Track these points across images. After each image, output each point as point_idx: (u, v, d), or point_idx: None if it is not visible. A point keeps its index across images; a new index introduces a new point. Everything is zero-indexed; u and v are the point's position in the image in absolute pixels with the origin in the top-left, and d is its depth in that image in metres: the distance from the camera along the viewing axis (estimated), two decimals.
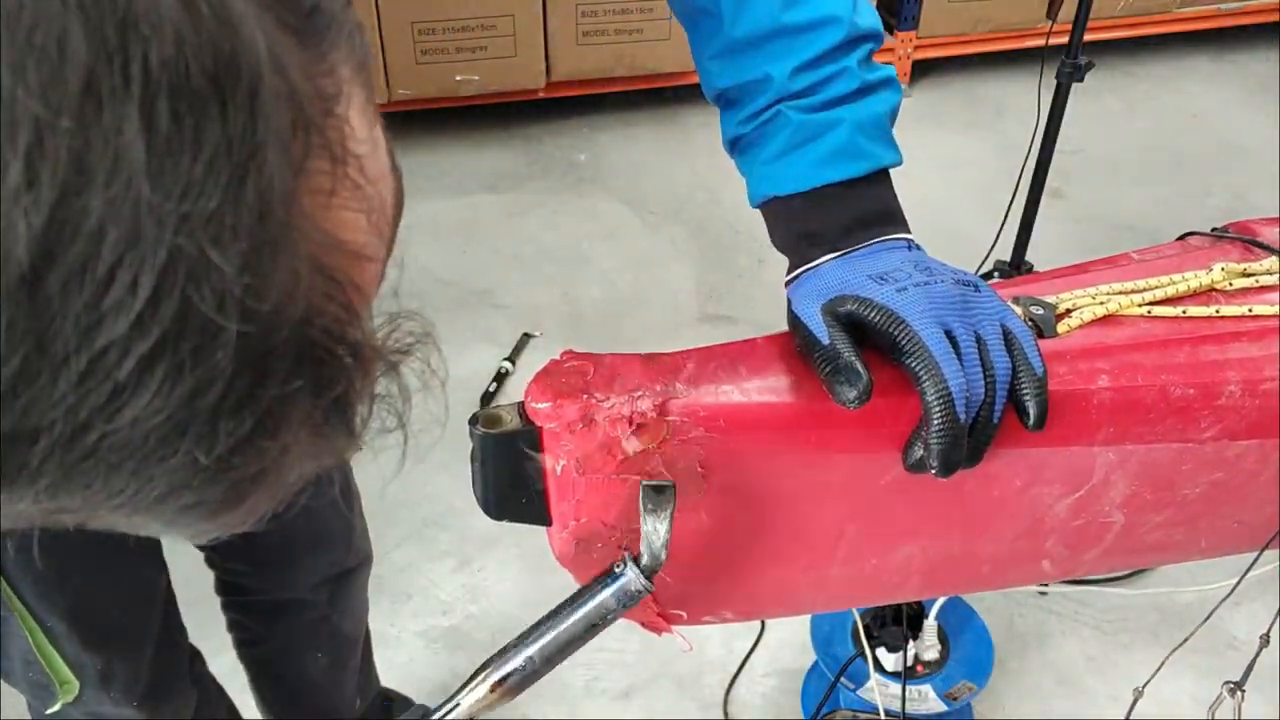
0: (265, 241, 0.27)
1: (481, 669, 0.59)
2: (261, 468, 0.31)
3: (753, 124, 0.75)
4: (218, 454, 0.29)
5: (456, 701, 0.59)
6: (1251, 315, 0.76)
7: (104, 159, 0.24)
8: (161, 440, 0.28)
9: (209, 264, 0.26)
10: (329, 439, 0.33)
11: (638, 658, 1.77)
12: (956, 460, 0.64)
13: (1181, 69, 3.47)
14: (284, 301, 0.28)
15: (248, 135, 0.26)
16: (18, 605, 0.96)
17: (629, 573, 0.60)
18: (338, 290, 0.31)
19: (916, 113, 3.23)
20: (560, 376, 0.65)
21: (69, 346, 0.25)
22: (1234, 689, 0.89)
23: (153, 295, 0.25)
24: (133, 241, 0.25)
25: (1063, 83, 2.01)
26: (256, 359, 0.28)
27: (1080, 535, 0.78)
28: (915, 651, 1.44)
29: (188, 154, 0.25)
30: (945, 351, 0.63)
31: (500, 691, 0.59)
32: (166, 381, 0.27)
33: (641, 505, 0.62)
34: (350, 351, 0.32)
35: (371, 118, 0.35)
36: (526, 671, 0.60)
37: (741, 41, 0.74)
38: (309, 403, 0.31)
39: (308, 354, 0.30)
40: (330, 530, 1.29)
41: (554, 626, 0.60)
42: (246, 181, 0.26)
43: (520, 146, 3.08)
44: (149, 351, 0.26)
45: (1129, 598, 1.84)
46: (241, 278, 0.27)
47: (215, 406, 0.28)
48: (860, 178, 0.72)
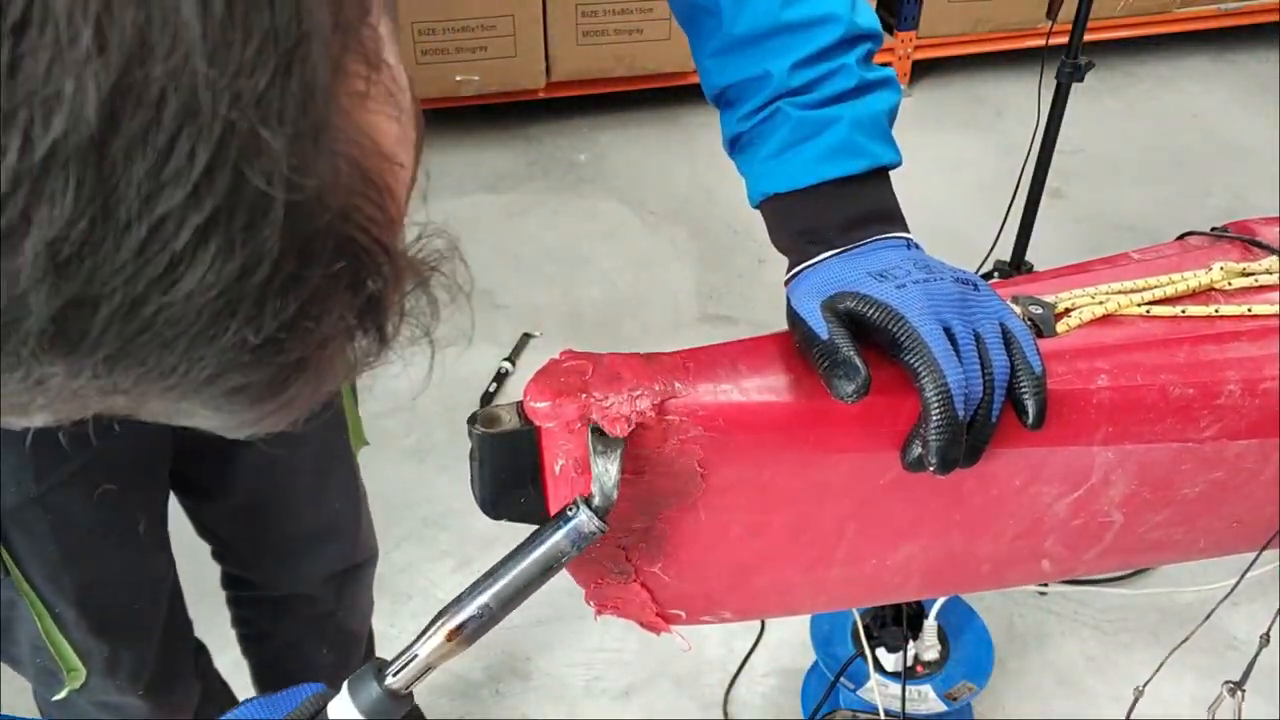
0: (308, 127, 0.29)
1: (437, 617, 0.59)
2: (304, 355, 0.32)
3: (752, 121, 0.75)
4: (265, 334, 0.30)
5: (414, 653, 0.58)
6: (1251, 315, 0.76)
7: (164, 33, 0.26)
8: (214, 317, 0.29)
9: (259, 140, 0.28)
10: (364, 341, 0.35)
11: (637, 657, 1.77)
12: (955, 458, 0.64)
13: (1181, 69, 3.47)
14: (325, 189, 0.30)
15: (293, 27, 0.28)
16: (27, 590, 0.96)
17: (581, 514, 0.60)
18: (373, 190, 0.32)
19: (916, 113, 3.23)
20: (559, 376, 0.65)
21: (131, 212, 0.27)
22: (1234, 689, 0.89)
23: (208, 166, 0.27)
24: (191, 113, 0.27)
25: (1063, 83, 2.01)
26: (301, 241, 0.30)
27: (1079, 535, 0.78)
28: (915, 652, 1.44)
29: (239, 37, 0.27)
30: (944, 349, 0.63)
31: (457, 640, 0.59)
32: (219, 256, 0.28)
33: (590, 447, 0.62)
34: (385, 254, 0.33)
35: (396, 48, 0.37)
36: (483, 619, 0.59)
37: (741, 39, 0.74)
38: (347, 297, 0.32)
39: (346, 247, 0.31)
40: (338, 524, 1.29)
41: (508, 571, 0.60)
42: (292, 69, 0.28)
43: (520, 146, 3.08)
44: (204, 223, 0.28)
45: (1129, 598, 1.84)
46: (289, 158, 0.28)
47: (263, 285, 0.29)
48: (859, 176, 0.72)
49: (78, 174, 0.26)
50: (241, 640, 1.41)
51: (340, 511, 1.28)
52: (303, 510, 1.23)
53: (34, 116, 0.25)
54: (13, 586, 0.96)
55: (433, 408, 2.21)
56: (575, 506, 0.60)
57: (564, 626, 1.82)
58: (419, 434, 2.16)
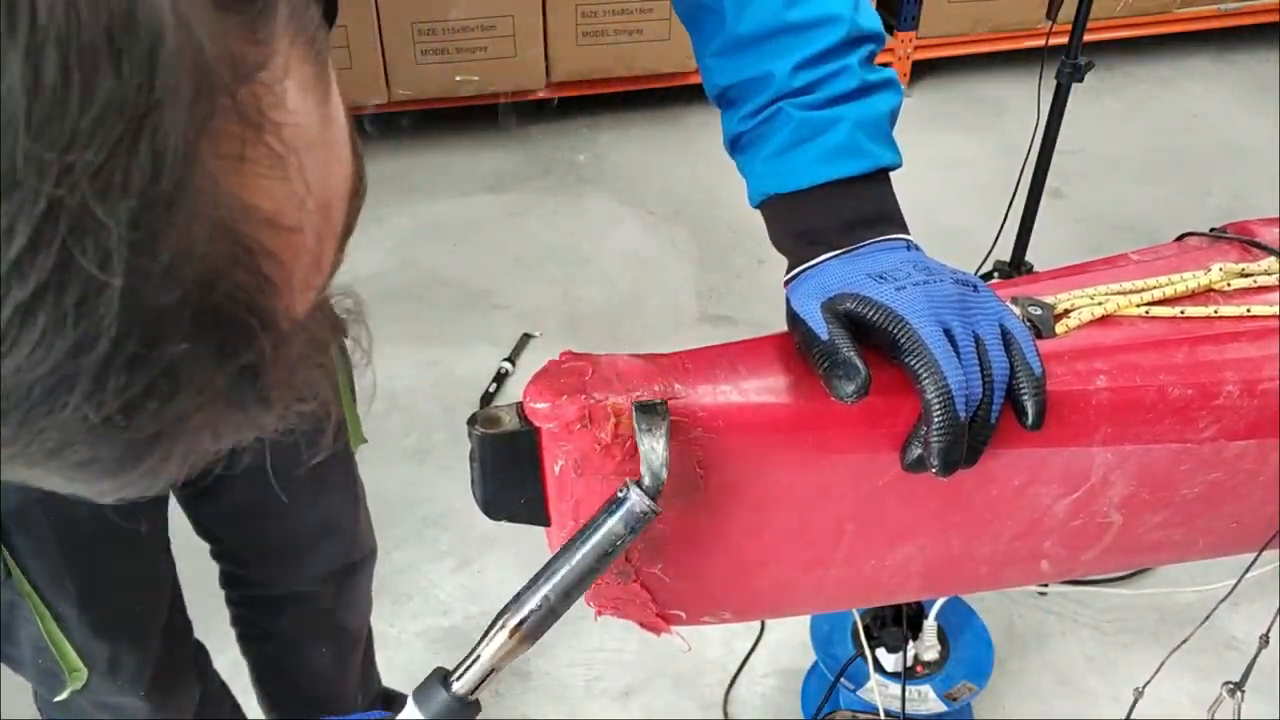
0: (158, 199, 0.27)
1: (499, 616, 0.58)
2: (159, 430, 0.30)
3: (753, 121, 0.75)
4: (107, 413, 0.29)
5: (477, 654, 0.58)
6: (1250, 315, 0.76)
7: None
8: (47, 392, 0.28)
9: (93, 217, 0.26)
10: (242, 408, 0.32)
11: (637, 658, 1.77)
12: (956, 459, 0.64)
13: (1181, 69, 3.47)
14: (179, 261, 0.28)
15: (144, 92, 0.26)
16: (29, 590, 0.97)
17: (633, 495, 0.59)
18: (246, 256, 0.30)
19: (916, 113, 3.23)
20: (559, 377, 0.65)
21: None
22: (1233, 689, 0.90)
23: (29, 243, 0.25)
24: (9, 188, 0.25)
25: (1063, 83, 2.01)
26: (147, 318, 0.28)
27: (1078, 535, 0.78)
28: (915, 652, 1.44)
29: (75, 106, 0.25)
30: (945, 350, 0.63)
31: (519, 636, 0.58)
32: (48, 332, 0.26)
33: (636, 426, 0.62)
34: (261, 320, 0.31)
35: (322, 95, 0.34)
36: (543, 611, 0.58)
37: (743, 39, 0.74)
38: (211, 367, 0.30)
39: (209, 318, 0.29)
40: (336, 522, 1.29)
41: (566, 561, 0.59)
42: (140, 138, 0.26)
43: (520, 146, 3.08)
44: (28, 299, 0.26)
45: (1128, 598, 1.84)
46: (130, 234, 0.26)
47: (103, 363, 0.27)
48: (860, 177, 0.72)
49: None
50: (241, 639, 1.41)
51: (339, 509, 1.28)
52: (301, 508, 1.23)
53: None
54: (14, 588, 0.96)
55: (432, 408, 2.21)
56: (626, 488, 0.60)
57: (564, 627, 1.81)
58: (419, 434, 2.16)
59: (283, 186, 0.32)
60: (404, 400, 2.22)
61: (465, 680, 0.58)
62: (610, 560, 0.60)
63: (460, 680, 0.58)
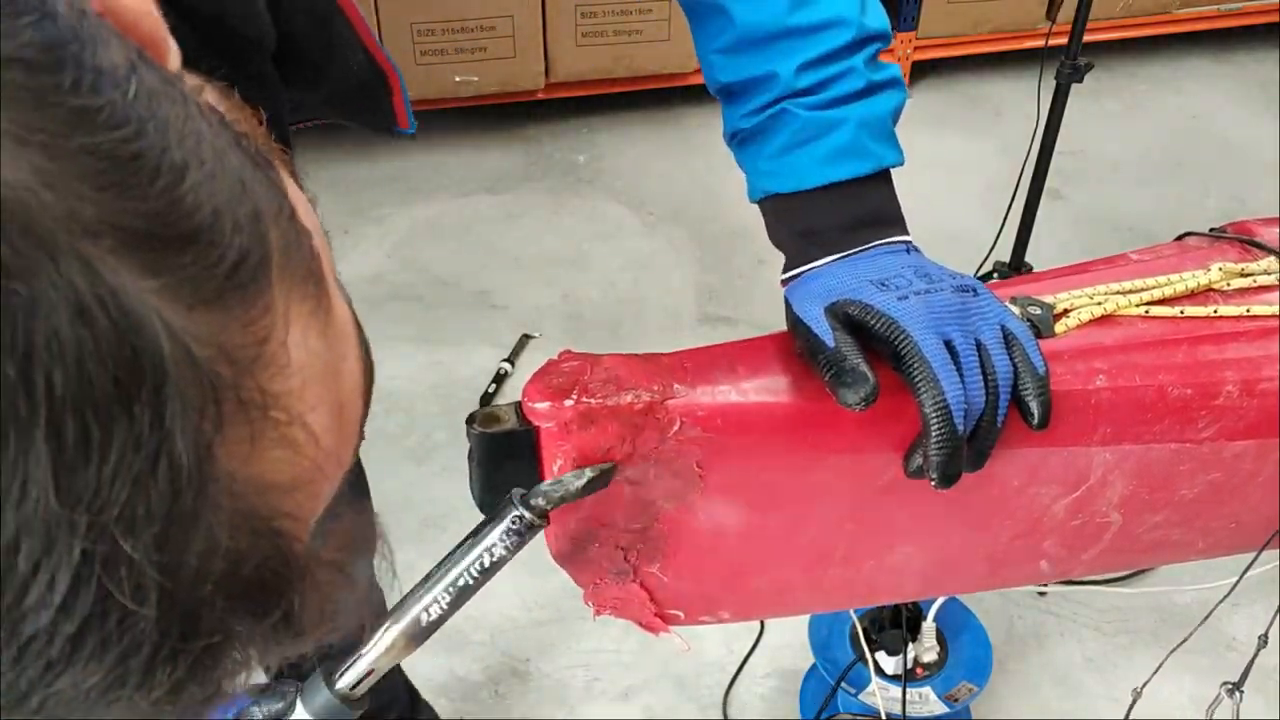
0: (178, 517, 0.27)
1: (386, 618, 0.61)
2: (209, 691, 0.31)
3: (756, 119, 0.75)
4: (158, 695, 0.30)
5: (360, 654, 0.60)
6: (1249, 315, 0.76)
7: (13, 483, 0.25)
8: (103, 693, 0.29)
9: (122, 553, 0.27)
10: (279, 645, 0.33)
11: (636, 658, 1.77)
12: (955, 472, 0.64)
13: (1181, 69, 3.46)
14: (206, 560, 0.29)
15: (155, 428, 0.26)
16: None
17: (517, 509, 0.61)
18: (268, 530, 0.31)
19: (916, 113, 3.22)
20: (558, 376, 0.65)
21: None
22: (1232, 690, 0.90)
23: (70, 589, 0.26)
24: (47, 549, 0.26)
25: (1062, 83, 2.01)
26: (183, 615, 0.29)
27: (1078, 535, 0.78)
28: (914, 654, 1.44)
29: (95, 461, 0.25)
30: (944, 363, 0.63)
31: (404, 639, 0.60)
32: (95, 652, 0.28)
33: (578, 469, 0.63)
34: (289, 570, 0.32)
35: (324, 317, 0.34)
36: (432, 617, 0.61)
37: (749, 39, 0.74)
38: (249, 627, 0.31)
39: (239, 592, 0.30)
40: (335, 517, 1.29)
41: (450, 569, 0.62)
42: (156, 470, 0.27)
43: (520, 147, 3.08)
44: (75, 633, 0.27)
45: (1128, 598, 1.84)
46: (156, 557, 0.27)
47: (148, 661, 0.29)
48: (862, 177, 0.72)
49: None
50: None
51: (342, 508, 1.28)
52: None
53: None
54: None
55: (432, 408, 2.21)
56: (512, 501, 0.61)
57: (563, 627, 1.81)
58: (419, 434, 2.16)
59: (292, 453, 0.32)
60: (404, 401, 2.21)
61: (346, 678, 0.59)
62: (495, 571, 0.62)
63: (342, 679, 0.59)
